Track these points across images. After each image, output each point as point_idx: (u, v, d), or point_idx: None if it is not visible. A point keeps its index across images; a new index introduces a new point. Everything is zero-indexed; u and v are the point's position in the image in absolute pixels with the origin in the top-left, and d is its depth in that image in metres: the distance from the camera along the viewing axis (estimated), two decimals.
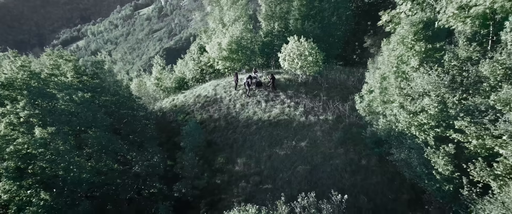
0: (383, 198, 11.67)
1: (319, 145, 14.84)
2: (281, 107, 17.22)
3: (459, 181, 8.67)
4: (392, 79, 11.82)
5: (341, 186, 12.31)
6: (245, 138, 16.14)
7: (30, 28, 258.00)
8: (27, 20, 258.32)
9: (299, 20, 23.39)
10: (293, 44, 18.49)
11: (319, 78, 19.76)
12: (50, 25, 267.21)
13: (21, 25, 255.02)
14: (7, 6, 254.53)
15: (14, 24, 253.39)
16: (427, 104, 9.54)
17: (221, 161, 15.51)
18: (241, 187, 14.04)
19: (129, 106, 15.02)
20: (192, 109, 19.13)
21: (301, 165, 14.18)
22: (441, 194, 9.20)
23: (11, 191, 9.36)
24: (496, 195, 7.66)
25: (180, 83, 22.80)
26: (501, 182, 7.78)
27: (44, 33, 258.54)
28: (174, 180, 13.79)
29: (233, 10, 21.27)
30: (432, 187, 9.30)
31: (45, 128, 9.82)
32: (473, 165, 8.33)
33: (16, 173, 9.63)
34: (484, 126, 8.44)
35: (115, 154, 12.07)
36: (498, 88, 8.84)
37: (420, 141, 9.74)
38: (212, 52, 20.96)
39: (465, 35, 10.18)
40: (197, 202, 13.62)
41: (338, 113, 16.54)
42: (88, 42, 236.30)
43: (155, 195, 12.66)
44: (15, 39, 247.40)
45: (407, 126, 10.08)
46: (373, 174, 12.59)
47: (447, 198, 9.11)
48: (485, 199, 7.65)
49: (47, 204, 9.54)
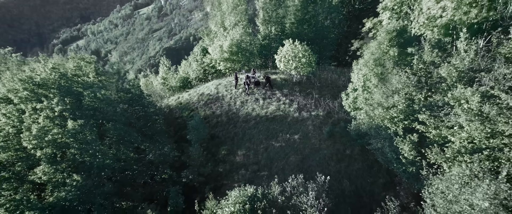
0: (363, 181, 13.56)
1: (310, 137, 16.72)
2: (277, 104, 19.08)
3: (420, 164, 10.54)
4: (372, 79, 13.70)
5: (328, 172, 14.18)
6: (244, 131, 18.00)
7: (30, 27, 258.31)
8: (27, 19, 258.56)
9: (295, 24, 25.21)
10: (288, 47, 20.31)
11: (312, 78, 21.61)
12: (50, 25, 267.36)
13: (21, 25, 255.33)
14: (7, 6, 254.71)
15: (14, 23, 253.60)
16: (397, 101, 11.42)
17: (223, 152, 17.37)
18: (241, 174, 15.91)
19: (141, 103, 16.85)
20: (196, 106, 20.98)
21: (293, 155, 16.06)
22: (406, 175, 11.08)
23: (49, 173, 11.20)
24: (446, 174, 9.52)
25: (184, 82, 24.62)
26: (450, 163, 9.65)
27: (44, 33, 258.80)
28: (182, 168, 15.66)
29: (233, 15, 23.08)
30: (399, 169, 11.19)
31: (75, 121, 11.66)
32: (430, 150, 10.21)
33: (53, 158, 11.48)
34: (441, 118, 10.31)
35: (131, 144, 13.91)
36: (453, 88, 10.70)
37: (391, 131, 11.61)
38: (214, 54, 22.78)
39: (430, 42, 12.03)
40: (203, 187, 15.48)
41: (328, 109, 18.42)
42: (88, 41, 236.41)
43: (166, 181, 14.51)
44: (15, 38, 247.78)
45: (382, 119, 11.95)
46: (355, 161, 14.49)
47: (411, 178, 10.99)
48: (437, 176, 9.52)
49: (78, 185, 11.38)
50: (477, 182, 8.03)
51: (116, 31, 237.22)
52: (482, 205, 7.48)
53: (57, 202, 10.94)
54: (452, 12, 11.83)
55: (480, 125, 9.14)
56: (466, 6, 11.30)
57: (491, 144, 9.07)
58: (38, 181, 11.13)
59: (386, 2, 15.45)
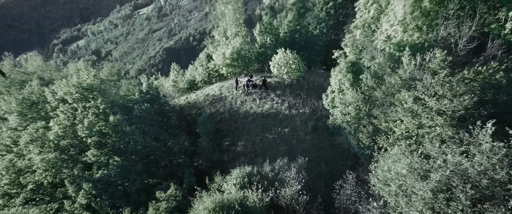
0: (336, 164, 17.32)
1: (297, 130, 20.48)
2: (271, 103, 22.82)
3: (373, 148, 14.30)
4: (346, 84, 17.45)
5: (310, 158, 17.90)
6: (243, 126, 21.72)
7: (31, 27, 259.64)
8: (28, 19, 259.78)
9: (288, 33, 28.91)
10: (281, 55, 23.99)
11: (301, 81, 25.35)
12: (50, 25, 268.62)
13: (22, 25, 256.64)
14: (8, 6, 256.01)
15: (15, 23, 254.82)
16: (350, 110, 15.22)
17: (226, 143, 21.08)
18: (241, 161, 19.60)
19: (158, 102, 20.51)
20: (203, 104, 24.67)
21: (283, 145, 19.81)
22: (364, 156, 14.84)
23: (96, 156, 14.87)
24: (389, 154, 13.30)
25: (191, 84, 28.28)
26: (392, 147, 13.42)
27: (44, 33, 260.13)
28: (193, 155, 19.36)
29: (234, 27, 26.75)
30: (359, 153, 14.96)
31: (115, 116, 15.33)
32: (380, 138, 13.97)
33: (99, 144, 15.16)
34: (388, 115, 14.08)
35: (155, 135, 17.59)
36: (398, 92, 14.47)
37: (349, 129, 15.39)
38: (218, 60, 26.45)
39: (384, 56, 15.76)
40: (210, 170, 19.17)
41: (314, 108, 22.18)
42: (88, 41, 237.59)
43: (181, 164, 18.21)
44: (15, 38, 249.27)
45: (342, 120, 15.74)
46: (331, 149, 18.26)
47: (367, 159, 14.75)
48: (381, 155, 13.26)
49: (118, 164, 15.06)
50: (402, 157, 11.78)
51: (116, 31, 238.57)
52: (402, 172, 11.22)
53: (103, 177, 14.61)
54: (401, 35, 15.59)
55: (412, 119, 12.95)
56: (411, 30, 15.06)
57: (419, 133, 12.86)
58: (89, 161, 14.80)
59: (356, 22, 19.21)
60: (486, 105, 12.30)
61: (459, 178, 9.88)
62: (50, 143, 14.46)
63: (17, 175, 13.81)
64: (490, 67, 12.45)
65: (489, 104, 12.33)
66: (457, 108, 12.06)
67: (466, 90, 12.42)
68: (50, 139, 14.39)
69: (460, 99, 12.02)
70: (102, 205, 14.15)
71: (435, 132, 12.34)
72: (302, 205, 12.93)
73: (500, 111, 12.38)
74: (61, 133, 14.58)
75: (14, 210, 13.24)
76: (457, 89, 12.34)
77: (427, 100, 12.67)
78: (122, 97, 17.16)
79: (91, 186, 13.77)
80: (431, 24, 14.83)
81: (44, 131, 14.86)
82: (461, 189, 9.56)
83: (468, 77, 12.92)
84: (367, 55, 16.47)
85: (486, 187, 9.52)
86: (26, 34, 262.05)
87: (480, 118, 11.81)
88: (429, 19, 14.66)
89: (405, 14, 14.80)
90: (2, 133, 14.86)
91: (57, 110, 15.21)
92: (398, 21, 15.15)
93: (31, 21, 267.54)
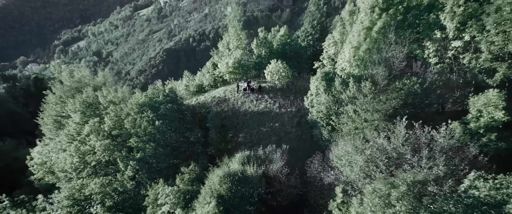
0: (312, 149, 23.12)
1: (285, 125, 26.30)
2: (265, 103, 28.60)
3: (330, 141, 20.15)
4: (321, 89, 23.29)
5: (293, 146, 23.75)
6: (243, 122, 27.48)
7: (31, 28, 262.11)
8: (28, 20, 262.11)
9: (280, 45, 34.70)
10: (273, 64, 29.79)
11: (290, 85, 31.16)
12: (51, 26, 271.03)
13: (23, 26, 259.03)
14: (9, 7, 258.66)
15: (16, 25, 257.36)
16: (322, 109, 21.08)
17: (230, 136, 26.83)
18: (241, 149, 25.33)
19: (176, 102, 26.23)
20: (210, 105, 30.40)
21: (274, 137, 25.63)
22: (326, 146, 20.68)
23: (137, 142, 20.56)
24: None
25: (199, 88, 34.02)
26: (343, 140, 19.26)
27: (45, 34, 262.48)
28: (205, 145, 25.13)
29: (236, 41, 32.52)
30: (323, 144, 20.79)
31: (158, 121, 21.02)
32: (337, 133, 19.79)
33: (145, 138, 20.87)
34: (342, 116, 19.93)
35: (176, 128, 23.33)
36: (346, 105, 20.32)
37: (321, 123, 21.24)
38: (222, 68, 32.20)
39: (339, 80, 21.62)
40: (218, 156, 24.89)
41: (299, 107, 28.00)
42: (89, 42, 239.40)
43: (197, 152, 23.97)
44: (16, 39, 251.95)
45: (317, 116, 21.59)
46: (310, 139, 24.11)
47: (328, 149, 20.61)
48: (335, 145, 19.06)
49: (152, 148, 20.77)
50: (350, 140, 17.61)
51: (117, 32, 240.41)
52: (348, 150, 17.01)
53: (142, 158, 20.33)
54: (349, 68, 21.53)
55: (357, 118, 18.83)
56: (354, 66, 20.99)
57: (365, 125, 18.72)
58: (132, 145, 20.52)
59: (323, 55, 25.19)
60: (408, 107, 18.22)
61: (381, 153, 15.72)
62: (104, 133, 20.15)
63: (83, 155, 19.49)
64: (411, 80, 18.38)
65: (410, 106, 18.24)
66: (388, 108, 17.98)
67: (396, 96, 18.34)
68: (105, 129, 20.08)
69: (391, 102, 17.93)
70: (142, 177, 19.88)
71: (374, 124, 18.24)
72: (284, 175, 18.75)
73: (417, 111, 18.30)
74: (112, 125, 20.28)
75: (81, 181, 18.94)
76: (389, 96, 18.25)
77: (360, 112, 18.60)
78: (150, 98, 22.74)
79: (136, 163, 19.49)
80: (379, 47, 20.69)
81: (99, 124, 20.54)
82: (381, 159, 15.38)
83: (398, 86, 18.85)
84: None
85: (396, 158, 15.38)
86: (27, 35, 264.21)
87: (404, 115, 17.60)
88: (376, 44, 20.53)
89: (350, 57, 20.76)
90: (69, 126, 20.48)
91: (108, 108, 20.90)
92: (346, 61, 21.10)
93: (32, 22, 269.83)
